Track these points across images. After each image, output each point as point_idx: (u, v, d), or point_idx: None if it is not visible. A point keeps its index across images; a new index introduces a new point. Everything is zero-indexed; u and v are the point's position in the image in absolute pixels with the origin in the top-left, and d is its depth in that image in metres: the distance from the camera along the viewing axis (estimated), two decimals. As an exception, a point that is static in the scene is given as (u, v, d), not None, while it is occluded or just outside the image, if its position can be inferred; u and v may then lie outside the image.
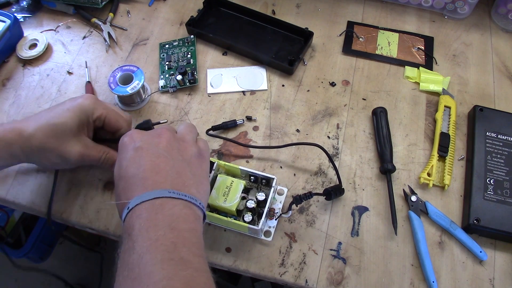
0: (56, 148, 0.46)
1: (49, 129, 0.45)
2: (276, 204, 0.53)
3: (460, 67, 0.66)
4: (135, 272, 0.32)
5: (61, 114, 0.46)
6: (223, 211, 0.50)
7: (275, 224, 0.52)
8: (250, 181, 0.53)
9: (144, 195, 0.37)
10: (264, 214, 0.49)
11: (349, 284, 0.49)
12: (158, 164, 0.40)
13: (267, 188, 0.52)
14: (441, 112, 0.59)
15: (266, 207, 0.49)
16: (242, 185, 0.50)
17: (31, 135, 0.45)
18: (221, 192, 0.50)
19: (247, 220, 0.49)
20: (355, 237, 0.52)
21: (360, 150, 0.58)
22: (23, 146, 0.45)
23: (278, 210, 0.53)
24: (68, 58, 0.67)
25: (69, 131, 0.46)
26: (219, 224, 0.52)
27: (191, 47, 0.67)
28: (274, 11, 0.72)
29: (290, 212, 0.52)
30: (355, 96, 0.63)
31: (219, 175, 0.51)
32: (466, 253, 0.51)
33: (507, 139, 0.56)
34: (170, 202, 0.37)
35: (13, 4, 0.73)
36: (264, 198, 0.50)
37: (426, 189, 0.55)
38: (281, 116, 0.61)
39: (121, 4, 0.74)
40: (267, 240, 0.51)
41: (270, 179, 0.51)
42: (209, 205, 0.50)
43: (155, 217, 0.36)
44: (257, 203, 0.50)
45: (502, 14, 0.70)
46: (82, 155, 0.48)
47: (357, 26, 0.70)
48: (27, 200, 0.55)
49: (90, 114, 0.48)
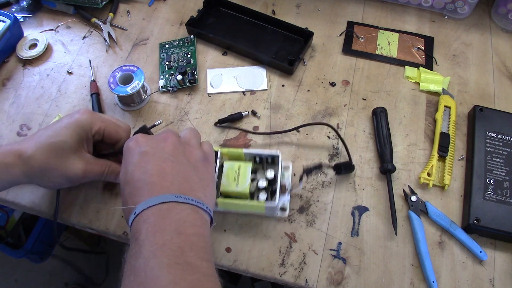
0: (57, 167, 0.45)
1: (49, 149, 0.45)
2: (285, 179, 0.54)
3: (460, 67, 0.66)
4: (141, 276, 0.32)
5: (60, 132, 0.46)
6: (236, 196, 0.50)
7: (288, 199, 0.53)
8: (256, 162, 0.53)
9: (151, 199, 0.37)
10: (278, 189, 0.49)
11: (349, 284, 0.49)
12: (164, 168, 0.40)
13: (272, 167, 0.53)
14: (441, 112, 0.59)
15: (278, 183, 0.50)
16: (249, 167, 0.50)
17: (31, 156, 0.44)
18: (231, 178, 0.50)
19: (262, 198, 0.49)
20: (355, 237, 0.52)
21: (360, 150, 0.58)
22: (24, 169, 0.44)
23: (288, 185, 0.53)
24: (68, 58, 0.68)
25: (69, 149, 0.45)
26: (235, 210, 0.52)
27: (191, 47, 0.67)
28: (274, 11, 0.72)
29: (301, 184, 0.52)
30: (355, 96, 0.63)
31: (225, 162, 0.51)
32: (466, 253, 0.51)
33: (507, 139, 0.56)
34: (177, 206, 0.37)
35: (13, 4, 0.73)
36: (273, 174, 0.50)
37: (426, 189, 0.55)
38: (281, 116, 0.61)
39: (121, 4, 0.74)
40: (284, 215, 0.52)
41: (275, 156, 0.52)
42: (222, 192, 0.50)
43: (162, 222, 0.35)
44: (267, 182, 0.51)
45: (502, 14, 0.70)
46: (84, 171, 0.47)
47: (357, 26, 0.70)
48: (27, 200, 0.55)
49: (89, 129, 0.47)
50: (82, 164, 0.47)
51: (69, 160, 0.46)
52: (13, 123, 0.61)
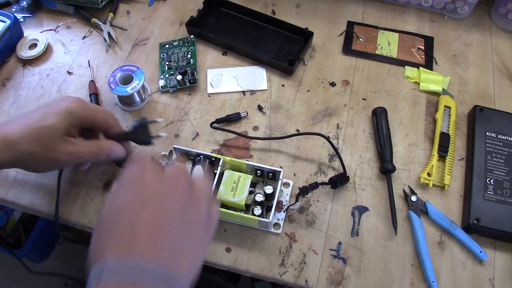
0: (44, 152, 0.44)
1: (36, 133, 0.43)
2: (283, 196, 0.54)
3: (460, 67, 0.66)
4: None
5: (48, 117, 0.44)
6: (232, 206, 0.51)
7: (284, 216, 0.52)
8: (256, 175, 0.53)
9: (124, 264, 0.31)
10: (273, 207, 0.49)
11: (349, 284, 0.49)
12: (159, 225, 0.33)
13: (272, 181, 0.53)
14: (441, 112, 0.59)
15: (275, 200, 0.50)
16: (249, 179, 0.51)
17: (17, 141, 0.43)
18: (229, 187, 0.50)
19: (257, 213, 0.49)
20: (355, 237, 0.52)
21: (360, 150, 0.58)
22: (10, 153, 0.43)
23: (285, 202, 0.53)
24: (68, 58, 0.67)
25: (56, 134, 0.44)
26: (229, 220, 0.52)
27: (191, 47, 0.67)
28: (274, 11, 0.72)
29: (298, 203, 0.52)
30: (355, 96, 0.63)
31: (226, 171, 0.52)
32: (466, 253, 0.51)
33: (507, 139, 0.56)
34: None
35: (13, 4, 0.73)
36: (272, 191, 0.51)
37: (426, 189, 0.55)
38: (281, 116, 0.61)
39: (121, 4, 0.74)
40: (277, 232, 0.52)
41: (276, 172, 0.52)
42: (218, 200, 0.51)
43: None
44: (265, 196, 0.51)
45: (502, 14, 0.70)
46: (72, 154, 0.45)
47: (357, 26, 0.70)
48: (27, 200, 0.55)
49: (77, 116, 0.46)
50: (68, 147, 0.45)
51: (56, 145, 0.44)
52: (13, 123, 0.61)
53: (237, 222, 0.52)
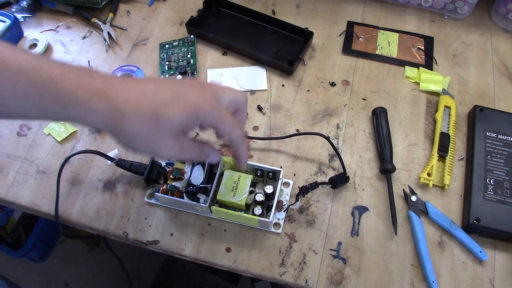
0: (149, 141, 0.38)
1: (151, 120, 0.37)
2: (283, 196, 0.54)
3: (460, 67, 0.66)
4: None
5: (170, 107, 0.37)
6: (232, 206, 0.51)
7: (284, 216, 0.52)
8: (256, 175, 0.53)
9: None
10: (274, 207, 0.49)
11: (349, 284, 0.49)
12: None
13: (273, 181, 0.53)
14: (441, 112, 0.59)
15: (275, 200, 0.50)
16: (249, 179, 0.51)
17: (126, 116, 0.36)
18: (230, 187, 0.50)
19: (257, 213, 0.49)
20: (355, 237, 0.52)
21: (360, 150, 0.58)
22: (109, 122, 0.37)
23: (285, 202, 0.53)
24: (68, 58, 0.67)
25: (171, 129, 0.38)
26: (229, 220, 0.52)
27: (191, 47, 0.67)
28: (274, 11, 0.72)
29: (298, 203, 0.53)
30: (355, 96, 0.63)
31: (226, 171, 0.52)
32: (466, 253, 0.51)
33: (507, 139, 0.56)
34: None
35: (13, 4, 0.72)
36: (272, 191, 0.50)
37: (426, 189, 0.55)
38: (281, 116, 0.61)
39: (121, 4, 0.74)
40: (277, 232, 0.52)
41: (276, 171, 0.52)
42: (218, 201, 0.51)
43: None
44: (265, 196, 0.51)
45: (502, 14, 0.70)
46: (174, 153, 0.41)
47: (357, 26, 0.70)
48: (27, 200, 0.55)
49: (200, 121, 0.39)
50: (176, 147, 0.40)
51: (164, 139, 0.39)
52: (13, 123, 0.61)
53: (237, 222, 0.52)
